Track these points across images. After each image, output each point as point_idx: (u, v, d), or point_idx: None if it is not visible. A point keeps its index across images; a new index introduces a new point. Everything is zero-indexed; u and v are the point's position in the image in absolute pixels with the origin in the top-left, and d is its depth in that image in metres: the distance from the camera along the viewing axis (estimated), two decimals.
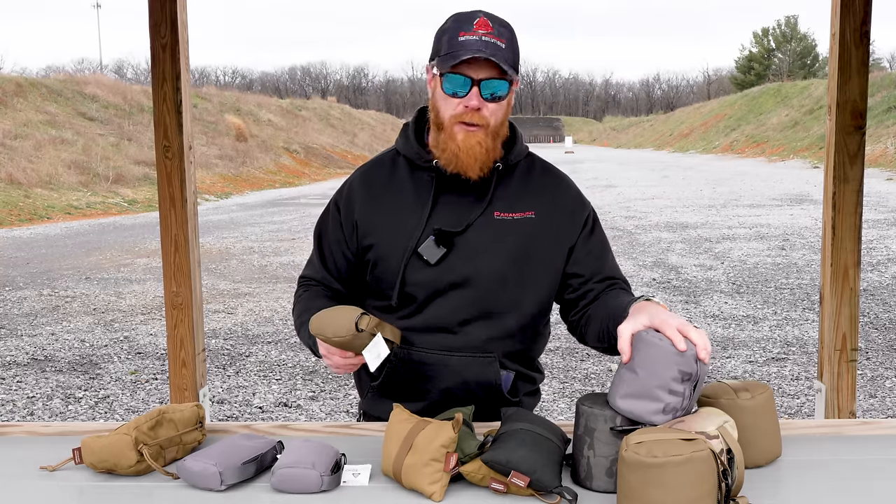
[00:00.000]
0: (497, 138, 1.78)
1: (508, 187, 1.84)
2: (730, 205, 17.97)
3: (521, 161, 1.89)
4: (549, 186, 1.88)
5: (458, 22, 1.73)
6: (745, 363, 6.09)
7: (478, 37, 1.69)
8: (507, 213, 1.81)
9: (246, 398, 5.45)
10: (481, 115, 1.73)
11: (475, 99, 1.71)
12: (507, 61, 1.70)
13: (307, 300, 1.91)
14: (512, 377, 1.88)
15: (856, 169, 2.61)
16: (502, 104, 1.75)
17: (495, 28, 1.71)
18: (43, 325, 7.60)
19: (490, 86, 1.71)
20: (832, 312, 2.64)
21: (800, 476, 1.62)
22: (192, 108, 2.78)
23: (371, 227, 1.84)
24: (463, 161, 1.75)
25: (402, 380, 1.86)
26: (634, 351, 1.58)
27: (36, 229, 15.29)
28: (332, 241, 1.91)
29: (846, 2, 2.53)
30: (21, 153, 20.65)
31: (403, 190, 1.84)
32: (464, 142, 1.73)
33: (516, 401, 1.89)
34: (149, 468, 1.62)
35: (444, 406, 1.84)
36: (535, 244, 1.81)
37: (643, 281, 9.31)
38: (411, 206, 1.82)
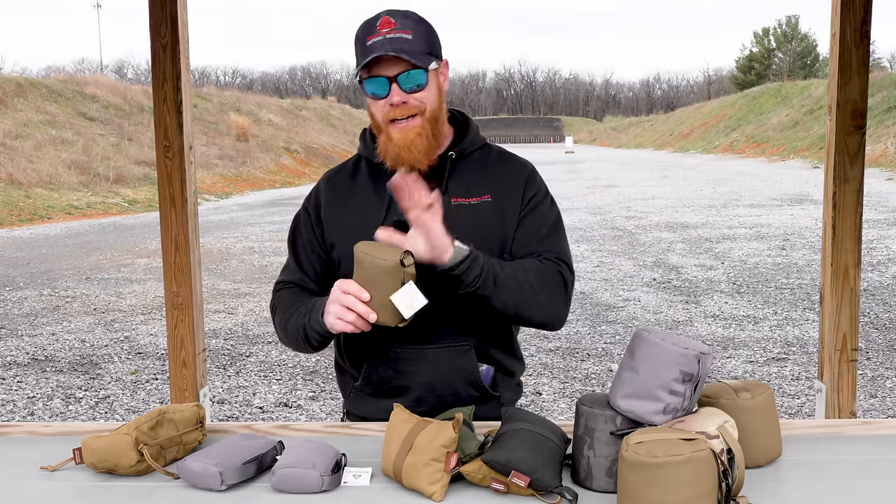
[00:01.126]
0: (437, 123, 1.82)
1: (464, 174, 1.88)
2: (730, 205, 17.97)
3: (477, 150, 1.92)
4: (506, 170, 1.91)
5: (365, 28, 1.77)
6: (746, 363, 6.09)
7: (382, 36, 1.74)
8: (464, 199, 1.85)
9: (246, 398, 5.45)
10: (409, 106, 1.77)
11: (397, 95, 1.76)
12: (417, 50, 1.74)
13: (288, 298, 1.92)
14: (492, 372, 1.90)
15: (856, 169, 2.61)
16: (427, 91, 1.78)
17: (399, 22, 1.75)
18: (43, 325, 7.60)
19: (407, 78, 1.75)
20: (832, 312, 2.64)
21: (800, 476, 1.62)
22: (192, 108, 2.78)
23: (335, 226, 1.89)
24: (406, 157, 1.78)
25: (381, 378, 1.88)
26: (635, 350, 1.58)
27: (36, 229, 15.30)
28: (305, 243, 1.95)
29: (846, 1, 2.53)
30: (21, 153, 20.65)
31: (365, 189, 1.89)
32: (401, 139, 1.78)
33: (497, 395, 1.91)
34: (149, 468, 1.62)
35: (428, 402, 1.85)
36: (494, 227, 1.84)
37: (643, 281, 9.31)
38: (372, 203, 1.87)
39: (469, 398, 1.87)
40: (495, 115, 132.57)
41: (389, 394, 1.88)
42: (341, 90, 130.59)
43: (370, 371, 1.88)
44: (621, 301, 8.28)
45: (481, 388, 1.87)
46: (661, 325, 7.29)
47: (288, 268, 1.99)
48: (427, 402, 1.85)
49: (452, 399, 1.86)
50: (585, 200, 19.79)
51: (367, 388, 1.91)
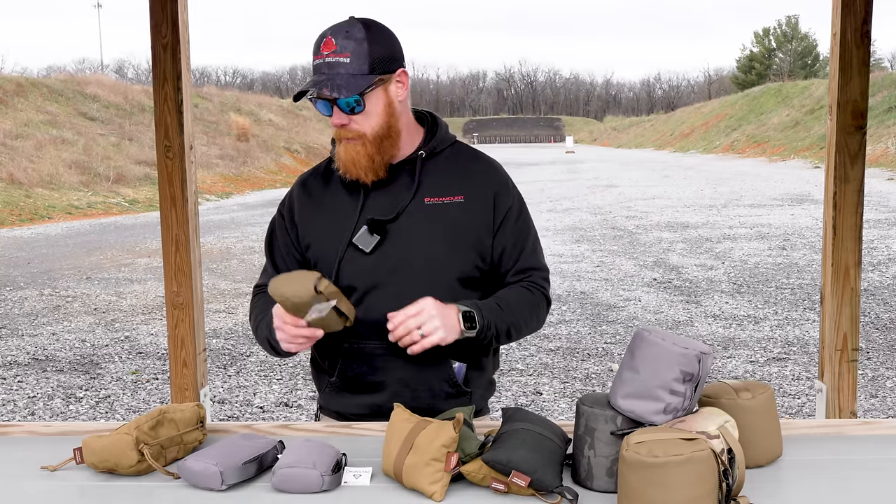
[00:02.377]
0: (385, 141, 1.84)
1: (436, 173, 1.90)
2: (731, 205, 17.97)
3: (447, 148, 1.95)
4: (478, 171, 1.94)
5: (315, 45, 1.82)
6: (746, 363, 6.09)
7: (322, 60, 1.79)
8: (437, 198, 1.87)
9: (247, 398, 5.45)
10: (350, 129, 1.82)
11: (336, 117, 1.81)
12: (353, 72, 1.76)
13: (262, 306, 1.97)
14: (465, 368, 1.91)
15: (857, 169, 2.60)
16: (369, 112, 1.81)
17: (339, 44, 1.77)
18: (44, 324, 7.60)
19: (343, 103, 1.79)
20: (833, 312, 2.64)
21: (800, 476, 1.62)
22: (192, 108, 2.78)
23: (309, 227, 1.93)
24: (353, 172, 1.85)
25: (356, 374, 1.90)
26: (636, 350, 1.58)
27: (37, 229, 15.30)
28: (281, 246, 1.98)
29: (847, 1, 2.53)
30: (22, 153, 20.66)
31: (338, 191, 1.93)
32: (345, 154, 1.84)
33: (470, 391, 1.92)
34: (149, 468, 1.62)
35: (402, 398, 1.87)
36: (465, 226, 1.87)
37: (644, 281, 9.31)
38: (345, 204, 1.90)
39: (443, 394, 1.89)
40: (496, 114, 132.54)
41: (364, 389, 1.90)
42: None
43: (345, 367, 1.90)
44: (622, 301, 8.28)
45: (454, 384, 1.90)
46: (662, 324, 7.29)
47: (266, 271, 2.02)
48: (401, 398, 1.87)
49: (426, 395, 1.87)
50: (586, 200, 19.80)
51: (341, 384, 1.93)
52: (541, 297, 1.93)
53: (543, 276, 1.96)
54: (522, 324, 1.89)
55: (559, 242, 12.55)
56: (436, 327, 1.71)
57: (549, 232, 13.73)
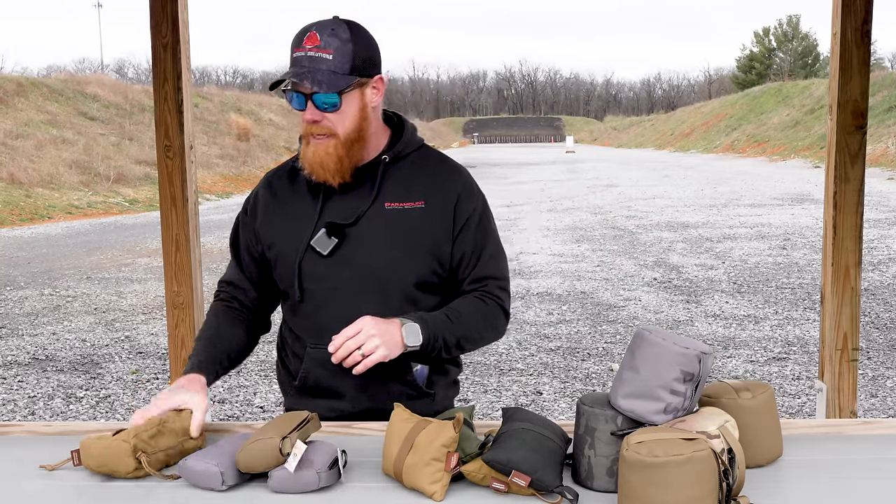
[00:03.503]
0: (355, 144, 1.83)
1: (398, 178, 1.89)
2: (731, 204, 17.96)
3: (413, 153, 1.93)
4: (441, 176, 1.92)
5: (296, 38, 1.80)
6: (746, 363, 6.09)
7: (304, 53, 1.77)
8: (397, 203, 1.86)
9: (247, 398, 5.45)
10: (322, 126, 1.80)
11: (310, 113, 1.80)
12: (335, 70, 1.76)
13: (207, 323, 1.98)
14: (426, 370, 1.91)
15: (857, 168, 2.60)
16: (344, 112, 1.80)
17: (323, 40, 1.76)
18: (44, 324, 7.60)
19: (319, 99, 1.78)
20: (833, 312, 2.64)
21: (801, 476, 1.62)
22: (193, 108, 2.78)
23: (271, 229, 1.93)
24: (319, 172, 1.83)
25: (318, 377, 1.90)
26: (636, 350, 1.58)
27: (37, 229, 15.30)
28: (243, 245, 1.99)
29: (847, 1, 2.53)
30: (22, 153, 20.66)
31: (300, 192, 1.92)
32: (314, 153, 1.82)
33: (432, 393, 1.92)
34: (147, 474, 1.62)
35: (361, 404, 1.87)
36: (424, 233, 1.86)
37: (644, 280, 9.31)
38: (306, 205, 1.89)
39: (404, 396, 1.88)
40: (496, 114, 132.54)
41: (325, 394, 1.91)
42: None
43: (306, 373, 1.91)
44: (622, 301, 8.28)
45: (415, 387, 1.90)
46: (662, 324, 7.29)
47: (229, 268, 2.03)
48: (360, 402, 1.88)
49: (385, 398, 1.86)
50: (586, 200, 19.79)
51: (303, 388, 1.93)
52: (495, 307, 1.90)
53: (501, 285, 1.92)
54: (475, 335, 1.87)
55: (559, 242, 12.55)
56: (376, 346, 1.69)
57: (549, 232, 13.73)
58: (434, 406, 1.92)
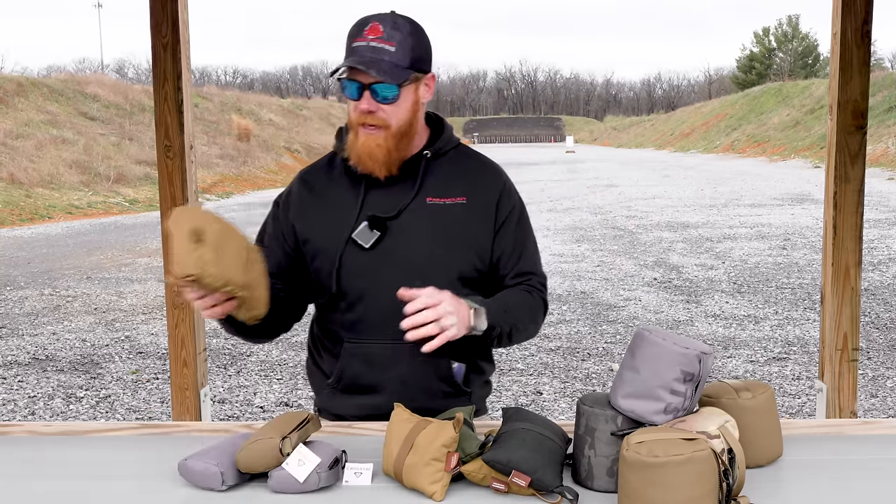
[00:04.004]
0: (404, 138, 1.84)
1: (439, 174, 1.90)
2: (731, 204, 17.96)
3: (451, 150, 1.94)
4: (480, 174, 1.94)
5: (356, 28, 1.80)
6: (747, 363, 6.09)
7: (366, 43, 1.77)
8: (438, 199, 1.87)
9: (247, 398, 5.45)
10: (377, 116, 1.80)
11: (365, 103, 1.79)
12: (396, 63, 1.76)
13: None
14: (464, 369, 1.91)
15: (857, 168, 2.60)
16: (399, 105, 1.80)
17: (385, 32, 1.77)
18: (44, 324, 7.60)
19: (378, 90, 1.78)
20: (833, 312, 2.64)
21: (801, 476, 1.62)
22: (193, 108, 2.78)
23: (308, 223, 1.91)
24: (366, 163, 1.83)
25: (355, 373, 1.89)
26: (636, 350, 1.58)
27: (37, 229, 15.30)
28: (272, 237, 1.96)
29: (847, 1, 2.53)
30: (22, 153, 20.66)
31: (339, 185, 1.91)
32: (363, 144, 1.81)
33: (469, 391, 1.92)
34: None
35: (400, 399, 1.84)
36: (466, 228, 1.87)
37: (644, 280, 9.31)
38: (346, 199, 1.89)
39: (441, 394, 1.88)
40: (496, 114, 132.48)
41: (362, 391, 1.89)
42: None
43: (343, 367, 1.89)
44: (622, 301, 8.28)
45: (454, 385, 1.89)
46: (662, 324, 7.29)
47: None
48: (399, 398, 1.84)
49: (424, 395, 1.86)
50: (586, 200, 19.79)
51: (339, 385, 1.91)
52: (540, 301, 1.93)
53: (542, 281, 1.95)
54: (522, 326, 1.87)
55: (559, 242, 12.55)
56: (452, 324, 1.68)
57: (549, 232, 13.73)
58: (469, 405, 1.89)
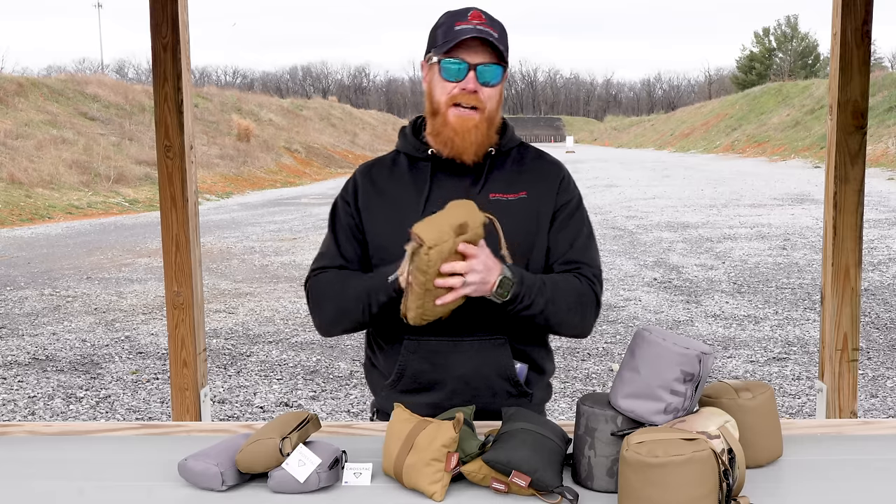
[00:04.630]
0: (492, 125, 1.85)
1: (502, 171, 1.90)
2: (731, 204, 17.96)
3: (514, 148, 1.95)
4: (541, 169, 1.95)
5: (453, 16, 1.82)
6: (747, 363, 6.09)
7: (472, 25, 1.78)
8: (502, 195, 1.87)
9: (247, 398, 5.45)
10: (478, 97, 1.80)
11: (471, 82, 1.79)
12: (502, 48, 1.80)
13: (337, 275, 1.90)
14: (526, 369, 1.89)
15: (857, 169, 2.60)
16: (496, 90, 1.83)
17: (488, 20, 1.81)
18: (44, 324, 7.60)
19: (486, 71, 1.79)
20: (833, 312, 2.64)
21: (801, 476, 1.62)
22: (193, 108, 2.78)
23: (373, 215, 1.90)
24: (458, 144, 1.81)
25: (415, 371, 1.86)
26: (636, 350, 1.58)
27: (37, 229, 15.30)
28: (345, 227, 1.94)
29: (847, 1, 2.53)
30: (22, 153, 20.66)
31: (403, 181, 1.91)
32: (459, 124, 1.80)
33: (531, 393, 1.90)
34: None
35: (461, 396, 1.84)
36: (530, 223, 1.87)
37: (644, 281, 9.31)
38: (410, 194, 1.88)
39: (504, 393, 1.86)
40: None
41: (423, 388, 1.87)
42: (342, 90, 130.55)
43: (404, 364, 1.86)
44: (622, 301, 8.28)
45: (516, 384, 1.87)
46: (662, 324, 7.29)
47: (326, 255, 1.96)
48: (461, 396, 1.84)
49: (487, 394, 1.84)
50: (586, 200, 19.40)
51: (399, 384, 1.89)
52: (588, 288, 1.85)
53: (594, 272, 1.89)
54: (563, 307, 1.80)
55: None
56: (474, 281, 1.66)
57: None
58: (530, 407, 1.88)
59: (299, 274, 9.99)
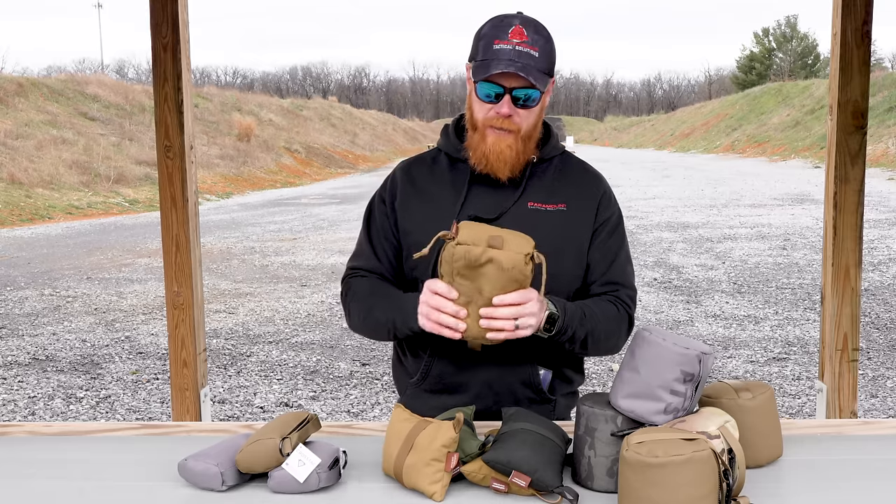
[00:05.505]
0: (529, 141, 1.84)
1: (543, 180, 1.89)
2: (731, 204, 17.96)
3: (557, 157, 1.94)
4: (583, 182, 1.93)
5: (495, 28, 1.78)
6: (747, 363, 6.09)
7: (511, 46, 1.74)
8: (540, 204, 1.86)
9: (247, 398, 5.45)
10: (512, 121, 1.79)
11: (506, 107, 1.77)
12: (540, 69, 1.76)
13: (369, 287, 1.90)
14: (550, 375, 1.89)
15: (857, 169, 2.60)
16: (534, 109, 1.81)
17: (530, 36, 1.76)
18: (44, 324, 7.60)
19: (521, 95, 1.77)
20: (833, 312, 2.64)
21: (801, 476, 1.62)
22: (193, 108, 2.78)
23: (409, 215, 1.90)
24: (492, 163, 1.81)
25: (441, 373, 1.87)
26: (636, 350, 1.58)
27: (37, 229, 15.30)
28: (380, 230, 1.94)
29: (847, 1, 2.53)
30: (22, 153, 20.66)
31: (442, 181, 1.90)
32: (494, 145, 1.80)
33: (554, 399, 1.90)
34: None
35: (484, 401, 1.84)
36: (567, 235, 1.86)
37: (644, 281, 9.31)
38: (448, 196, 1.87)
39: (526, 400, 1.86)
40: None
41: (447, 390, 1.87)
42: (342, 90, 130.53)
43: (430, 366, 1.87)
44: None
45: (539, 391, 1.87)
46: (662, 324, 7.29)
47: (361, 254, 1.97)
48: (483, 401, 1.84)
49: (509, 398, 1.85)
50: None
51: (424, 384, 1.89)
52: (625, 314, 1.88)
53: (630, 294, 1.91)
54: (602, 336, 1.83)
55: None
56: (528, 325, 1.67)
57: None
58: (554, 415, 1.89)
59: (299, 274, 10.00)
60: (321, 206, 19.03)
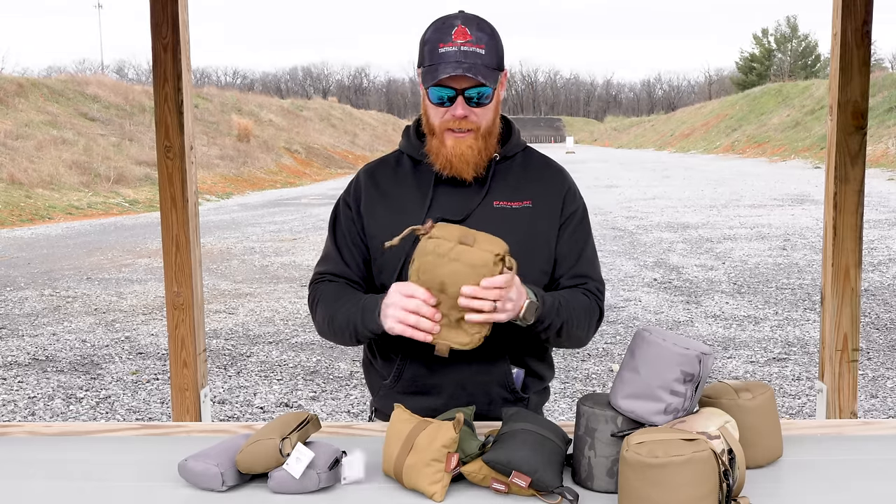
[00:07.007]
0: (490, 137, 1.84)
1: (507, 178, 1.89)
2: (731, 205, 17.96)
3: (519, 153, 1.94)
4: (546, 178, 1.93)
5: (438, 31, 1.77)
6: (747, 363, 6.09)
7: (456, 48, 1.74)
8: (506, 203, 1.86)
9: (247, 398, 5.45)
10: (469, 120, 1.79)
11: (460, 108, 1.77)
12: (488, 66, 1.76)
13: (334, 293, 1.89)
14: (523, 374, 1.89)
15: (857, 169, 2.60)
16: (489, 106, 1.81)
17: (473, 35, 1.76)
18: (44, 325, 7.60)
19: (473, 94, 1.77)
20: (833, 312, 2.64)
21: (801, 476, 1.62)
22: (193, 109, 2.78)
23: (375, 219, 1.89)
24: (456, 166, 1.81)
25: (413, 375, 1.87)
26: (636, 350, 1.58)
27: (37, 229, 15.30)
28: (346, 233, 1.93)
29: (847, 1, 2.53)
30: (22, 153, 20.66)
31: (406, 184, 1.89)
32: (454, 148, 1.80)
33: (527, 397, 1.90)
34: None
35: (458, 402, 1.84)
36: (533, 232, 1.86)
37: (644, 281, 9.31)
38: (413, 199, 1.87)
39: (500, 399, 1.86)
40: None
41: (421, 391, 1.87)
42: (342, 90, 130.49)
43: (402, 368, 1.87)
44: (622, 301, 8.28)
45: (512, 390, 1.87)
46: (662, 325, 7.29)
47: (328, 259, 1.96)
48: (457, 401, 1.84)
49: (483, 399, 1.85)
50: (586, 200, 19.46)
51: (396, 386, 1.89)
52: (596, 306, 1.89)
53: (598, 287, 1.91)
54: (574, 327, 1.83)
55: None
56: (506, 310, 1.65)
57: None
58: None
59: (299, 274, 10.00)
60: (321, 206, 19.03)
